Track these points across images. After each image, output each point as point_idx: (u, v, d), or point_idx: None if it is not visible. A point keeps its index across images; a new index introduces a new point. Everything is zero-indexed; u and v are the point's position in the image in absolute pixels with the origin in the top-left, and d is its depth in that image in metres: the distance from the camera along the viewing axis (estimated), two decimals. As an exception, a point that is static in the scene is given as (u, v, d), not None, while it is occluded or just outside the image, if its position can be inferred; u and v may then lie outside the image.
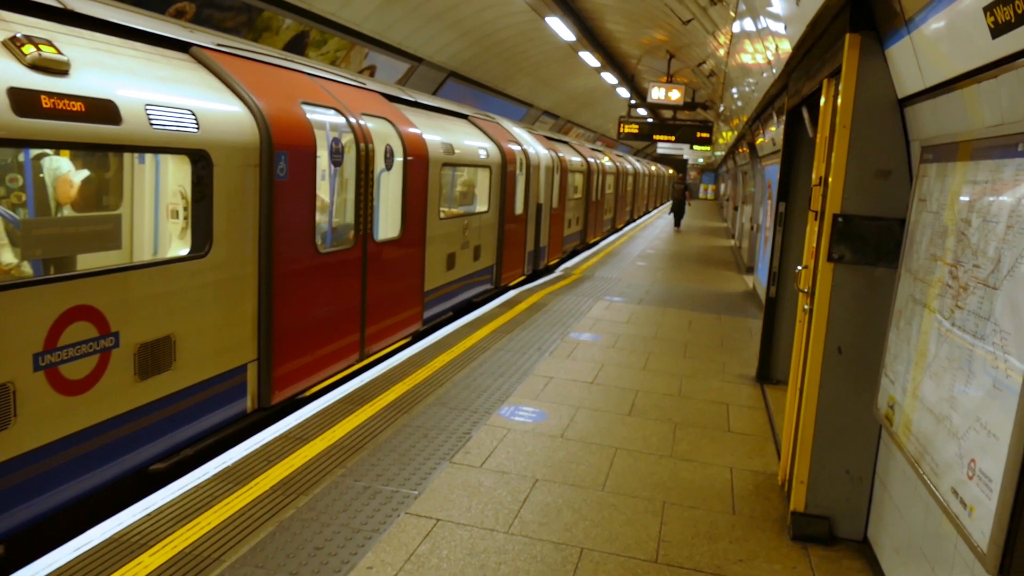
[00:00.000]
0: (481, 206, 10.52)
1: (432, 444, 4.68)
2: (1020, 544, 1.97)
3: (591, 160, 18.75)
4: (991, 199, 2.30)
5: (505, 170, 10.81)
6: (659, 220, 30.14)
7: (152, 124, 4.07)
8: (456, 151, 9.00)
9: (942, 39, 2.66)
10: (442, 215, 8.63)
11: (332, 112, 6.13)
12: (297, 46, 9.57)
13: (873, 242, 3.53)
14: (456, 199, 10.29)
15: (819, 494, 3.78)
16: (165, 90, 4.31)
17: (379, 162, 6.87)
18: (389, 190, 7.30)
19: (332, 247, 6.14)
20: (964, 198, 2.54)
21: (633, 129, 19.75)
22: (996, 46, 2.19)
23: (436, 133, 8.56)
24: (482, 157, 9.99)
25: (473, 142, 9.88)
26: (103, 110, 3.78)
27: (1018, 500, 1.95)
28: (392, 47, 11.50)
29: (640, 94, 23.46)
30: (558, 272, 13.22)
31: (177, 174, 4.95)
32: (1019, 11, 1.98)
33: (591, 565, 3.45)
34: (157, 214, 5.30)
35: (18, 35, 3.51)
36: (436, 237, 8.41)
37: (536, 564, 3.43)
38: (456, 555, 3.45)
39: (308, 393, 5.88)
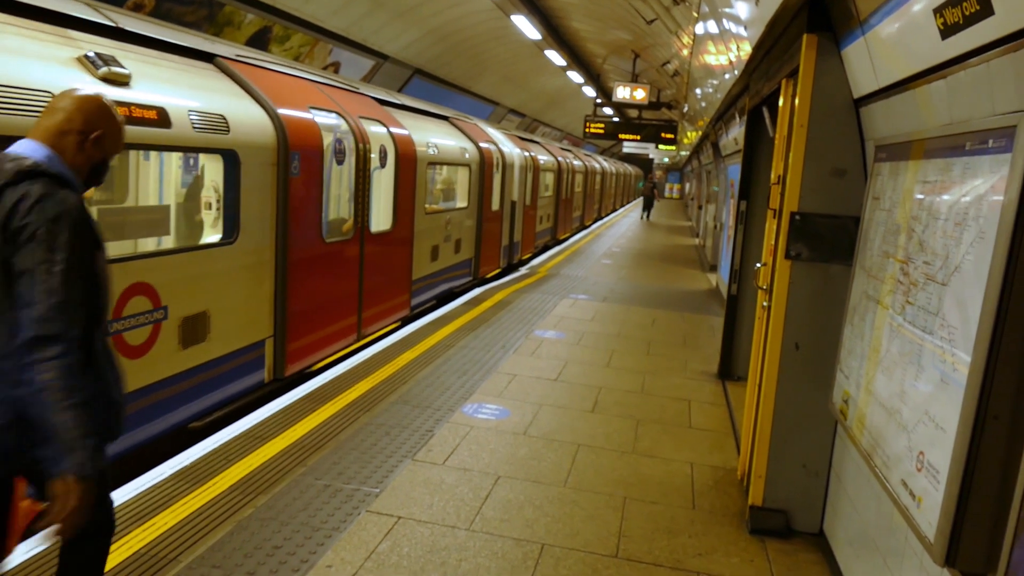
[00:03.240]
0: (461, 202, 11.21)
1: (394, 442, 4.66)
2: (966, 534, 2.01)
3: (561, 160, 19.52)
4: (940, 197, 2.35)
5: (483, 169, 11.52)
6: (624, 219, 30.34)
7: (194, 128, 4.72)
8: (440, 151, 9.70)
9: (895, 40, 2.71)
10: (427, 210, 9.30)
11: (335, 116, 6.78)
12: (260, 42, 9.46)
13: (829, 240, 3.59)
14: (439, 196, 10.99)
15: (777, 488, 3.84)
16: (201, 97, 4.96)
17: (375, 161, 7.52)
18: (382, 186, 7.95)
19: (335, 238, 6.78)
20: (916, 196, 2.59)
21: (599, 128, 19.82)
22: (945, 47, 2.24)
23: (422, 134, 9.23)
24: (462, 156, 10.68)
25: (454, 142, 10.55)
26: (158, 116, 4.44)
27: (963, 491, 1.99)
28: (356, 44, 11.42)
29: (606, 93, 23.57)
30: (523, 270, 13.24)
31: (210, 171, 5.81)
32: (967, 13, 2.03)
33: (552, 561, 3.46)
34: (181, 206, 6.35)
35: (90, 54, 4.18)
36: (422, 231, 9.07)
37: (497, 560, 3.43)
38: (417, 552, 3.44)
39: (315, 367, 6.58)
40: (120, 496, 3.72)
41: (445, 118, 11.48)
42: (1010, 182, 1.86)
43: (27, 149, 2.13)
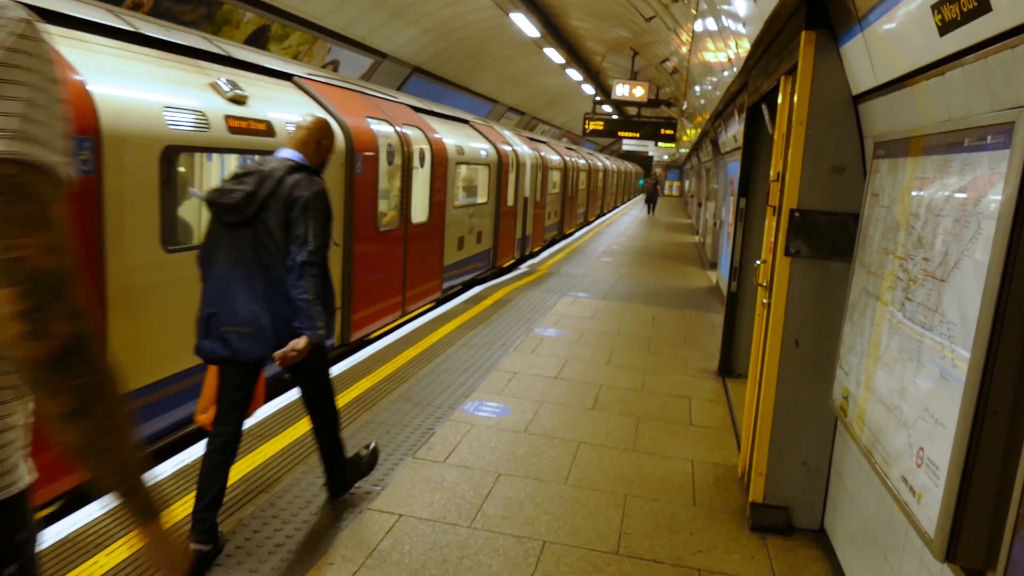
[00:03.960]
0: (482, 198, 12.45)
1: (395, 440, 4.67)
2: (966, 530, 2.02)
3: (567, 159, 20.72)
4: (939, 194, 2.35)
5: (500, 168, 12.92)
6: (624, 217, 30.35)
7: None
8: (465, 152, 10.98)
9: (893, 37, 2.71)
10: (455, 205, 10.65)
11: (385, 123, 8.05)
12: (258, 40, 9.45)
13: (828, 237, 3.59)
14: (464, 192, 12.01)
15: (777, 485, 3.84)
16: (291, 110, 6.18)
17: (415, 161, 8.84)
18: (420, 184, 9.15)
19: (385, 227, 7.96)
20: (914, 193, 2.59)
21: (598, 126, 19.83)
22: (943, 43, 2.24)
23: (451, 137, 10.53)
24: (483, 157, 12.05)
25: (476, 144, 11.87)
26: (267, 127, 5.63)
27: (963, 487, 2.00)
28: (355, 42, 11.41)
29: (605, 91, 23.55)
30: (523, 268, 13.25)
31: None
32: (965, 10, 2.03)
33: (553, 558, 3.47)
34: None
35: (219, 81, 5.35)
36: (451, 223, 10.41)
37: (498, 558, 3.44)
38: (418, 550, 3.45)
39: (371, 336, 7.87)
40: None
41: (466, 121, 12.80)
42: (1008, 178, 1.87)
43: (290, 154, 3.45)
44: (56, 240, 1.10)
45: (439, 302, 10.04)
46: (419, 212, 9.01)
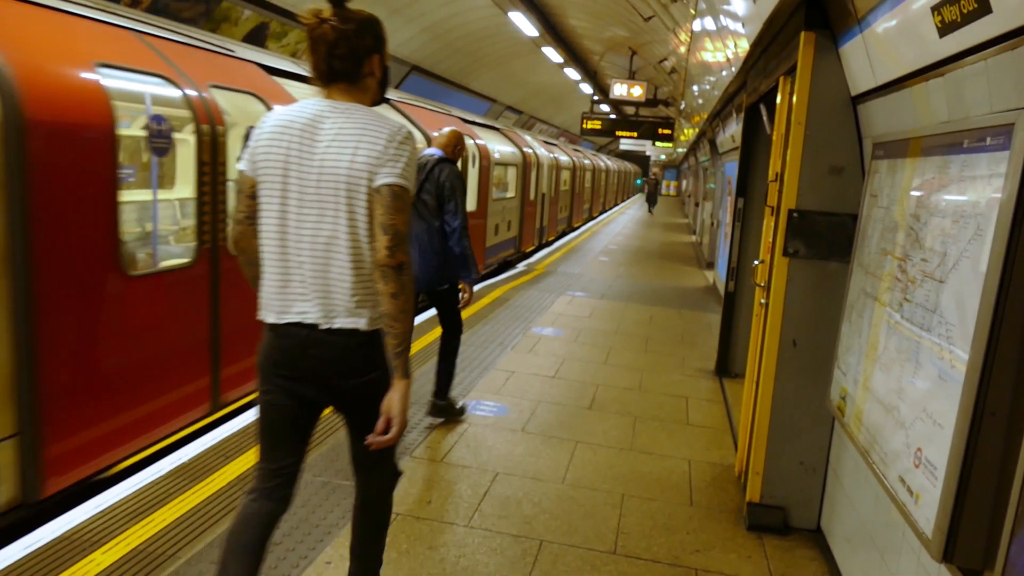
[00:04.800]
0: (511, 193, 14.79)
1: (392, 439, 4.66)
2: (964, 530, 2.02)
3: (575, 159, 23.42)
4: (938, 195, 2.36)
5: (525, 168, 15.42)
6: (622, 216, 30.37)
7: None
8: (500, 155, 13.43)
9: (892, 38, 2.71)
10: (493, 198, 12.85)
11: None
12: (257, 38, 9.45)
13: (826, 237, 3.59)
14: (497, 188, 13.97)
15: (774, 485, 3.85)
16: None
17: (469, 163, 11.06)
18: (471, 180, 11.32)
19: None
20: (913, 194, 2.60)
21: (596, 125, 19.85)
22: (943, 45, 2.24)
23: (491, 143, 12.92)
24: (512, 158, 14.45)
25: (507, 147, 14.31)
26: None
27: (961, 487, 2.00)
28: (354, 40, 11.40)
29: (603, 90, 23.56)
30: (520, 267, 13.26)
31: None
32: (965, 11, 2.03)
33: (550, 557, 3.47)
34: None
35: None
36: (491, 212, 12.78)
37: (495, 557, 3.44)
38: (415, 549, 3.45)
39: None
40: (118, 493, 3.73)
41: (497, 128, 15.60)
42: (1007, 179, 1.87)
43: (435, 151, 4.84)
44: (405, 219, 2.28)
45: (483, 276, 12.35)
46: (470, 202, 11.07)
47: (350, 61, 2.33)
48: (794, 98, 3.62)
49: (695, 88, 12.23)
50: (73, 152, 3.86)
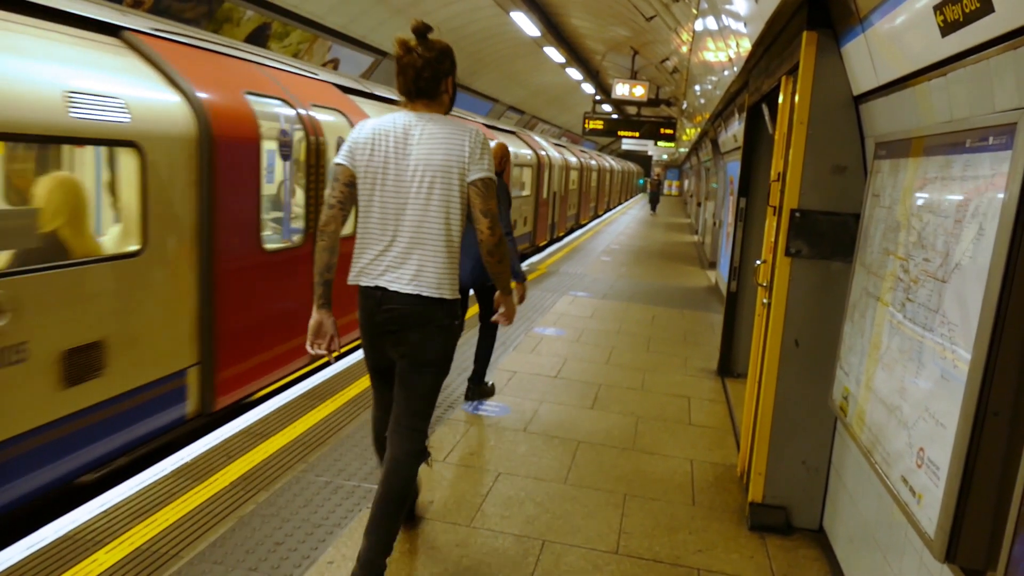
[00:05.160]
0: (527, 192, 16.31)
1: (395, 439, 4.67)
2: (966, 530, 2.02)
3: (583, 160, 25.07)
4: (940, 194, 2.35)
5: (539, 168, 16.87)
6: (623, 216, 30.36)
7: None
8: (518, 157, 14.63)
9: (895, 37, 2.71)
10: (513, 196, 16.28)
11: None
12: (259, 38, 9.45)
13: (829, 237, 3.59)
14: (516, 186, 15.32)
15: (776, 485, 3.84)
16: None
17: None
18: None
19: None
20: (916, 193, 2.60)
21: (598, 125, 19.83)
22: (945, 44, 2.24)
23: (511, 145, 13.28)
24: (528, 159, 15.87)
25: (523, 151, 15.71)
26: None
27: (964, 487, 2.00)
28: (356, 40, 11.41)
29: (605, 90, 23.56)
30: (523, 267, 13.27)
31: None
32: (967, 11, 2.03)
33: (552, 557, 3.47)
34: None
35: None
36: (512, 208, 14.62)
37: (498, 557, 3.44)
38: (417, 549, 3.45)
39: None
40: (121, 493, 3.73)
41: (514, 132, 17.38)
42: (1010, 179, 1.87)
43: None
44: (496, 202, 2.92)
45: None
46: None
47: (432, 82, 2.95)
48: (796, 98, 3.62)
49: (697, 88, 12.22)
50: (239, 158, 5.18)
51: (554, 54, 16.17)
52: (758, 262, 4.50)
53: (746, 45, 5.17)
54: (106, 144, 4.21)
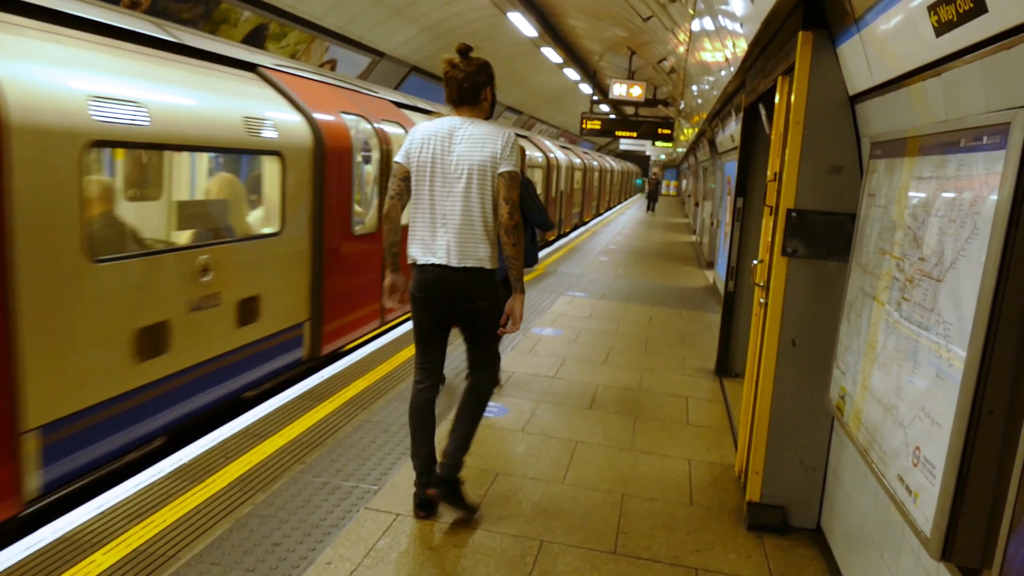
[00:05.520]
0: (539, 190, 16.67)
1: (393, 439, 4.67)
2: (962, 529, 2.03)
3: (586, 162, 26.35)
4: (935, 194, 2.36)
5: (548, 169, 18.15)
6: (621, 216, 30.37)
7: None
8: (530, 159, 15.83)
9: (890, 37, 2.72)
10: None
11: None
12: (256, 39, 9.45)
13: (825, 236, 3.60)
14: None
15: (774, 484, 3.85)
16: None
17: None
18: None
19: None
20: (911, 193, 2.60)
21: (596, 125, 19.85)
22: (940, 44, 2.25)
23: (528, 150, 14.92)
24: (539, 161, 17.22)
25: (535, 153, 16.91)
26: None
27: (960, 486, 2.01)
28: (353, 41, 11.41)
29: (602, 90, 23.55)
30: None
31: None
32: (961, 11, 2.03)
33: (550, 557, 3.47)
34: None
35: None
36: None
37: (495, 557, 3.44)
38: (415, 549, 3.45)
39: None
40: (118, 494, 3.73)
41: (526, 136, 18.29)
42: (1004, 179, 1.88)
43: None
44: (518, 193, 3.47)
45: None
46: None
47: (472, 91, 3.60)
48: (792, 98, 3.63)
49: (694, 88, 12.24)
50: (339, 163, 6.78)
51: (551, 54, 16.18)
52: (755, 262, 4.50)
53: (742, 45, 5.18)
54: (265, 154, 5.76)
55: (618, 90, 18.49)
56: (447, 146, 3.48)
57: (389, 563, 3.32)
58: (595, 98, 22.09)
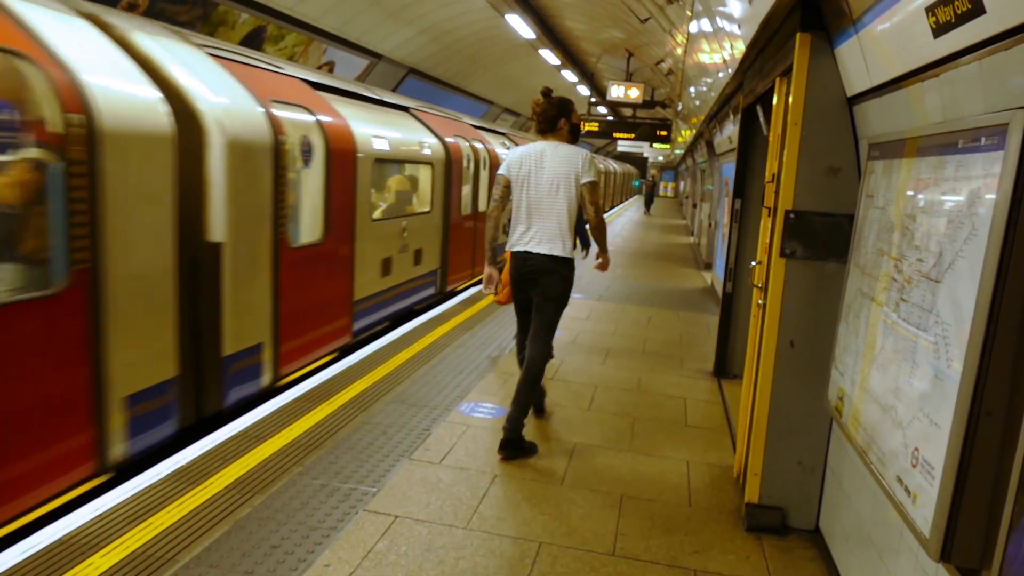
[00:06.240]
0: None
1: (391, 441, 4.67)
2: (961, 530, 2.03)
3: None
4: (934, 195, 2.36)
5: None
6: (619, 218, 30.39)
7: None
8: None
9: (887, 39, 2.72)
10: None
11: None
12: (254, 41, 9.45)
13: (823, 238, 3.60)
14: None
15: (772, 485, 3.85)
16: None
17: None
18: None
19: None
20: (909, 194, 2.61)
21: (593, 127, 19.84)
22: (938, 45, 2.25)
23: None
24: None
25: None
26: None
27: (958, 487, 2.01)
28: (351, 43, 11.41)
29: (600, 92, 23.59)
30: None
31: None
32: (959, 12, 2.04)
33: (549, 558, 3.47)
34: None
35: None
36: None
37: (495, 559, 3.44)
38: (414, 551, 3.45)
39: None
40: (116, 497, 3.72)
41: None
42: (1002, 180, 1.88)
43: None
44: (600, 196, 4.68)
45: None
46: None
47: (553, 122, 4.77)
48: (790, 99, 3.63)
49: (692, 90, 12.25)
50: (457, 173, 10.50)
51: (549, 56, 16.19)
52: (753, 263, 4.51)
53: (740, 47, 5.18)
54: (426, 164, 9.31)
55: (616, 92, 18.51)
56: (540, 164, 4.60)
57: (387, 565, 3.32)
58: (593, 100, 22.11)
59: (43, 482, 3.77)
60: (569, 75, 19.32)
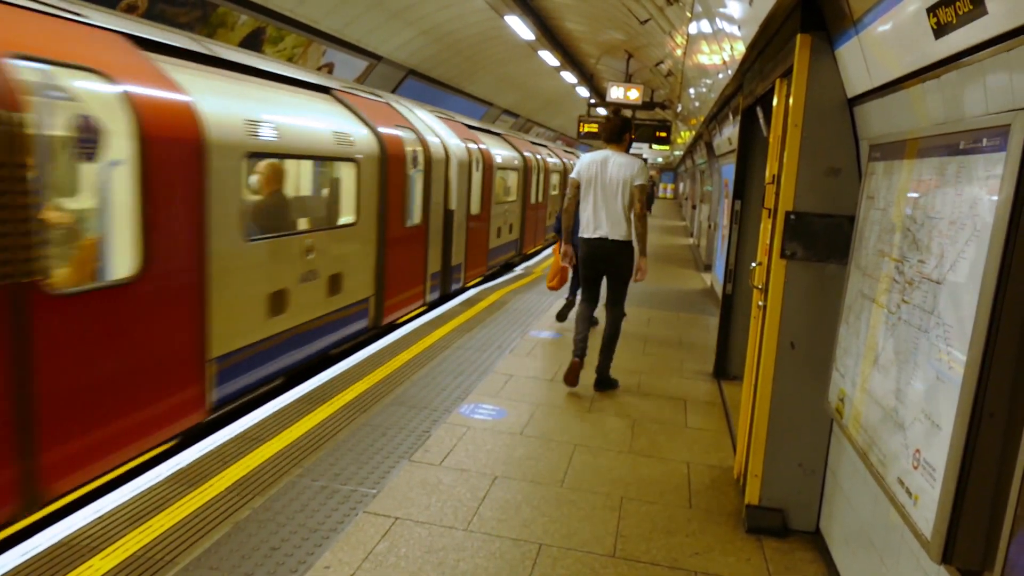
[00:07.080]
0: (553, 191, 20.61)
1: (391, 443, 4.66)
2: (963, 531, 2.02)
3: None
4: (935, 196, 2.36)
5: (564, 173, 21.21)
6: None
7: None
8: (552, 164, 19.95)
9: (888, 40, 2.72)
10: (552, 195, 20.27)
11: (556, 157, 20.96)
12: (253, 43, 9.44)
13: (824, 239, 3.60)
14: (554, 188, 20.97)
15: (773, 487, 3.84)
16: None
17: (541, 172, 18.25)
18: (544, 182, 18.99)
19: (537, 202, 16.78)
20: (910, 195, 2.60)
21: (593, 128, 19.81)
22: (939, 46, 2.25)
23: (549, 157, 19.74)
24: (558, 166, 20.73)
25: (554, 160, 20.43)
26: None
27: (960, 488, 2.00)
28: (350, 44, 11.40)
29: (600, 94, 23.58)
30: (518, 270, 13.24)
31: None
32: (960, 12, 2.04)
33: (549, 560, 3.46)
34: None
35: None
36: (550, 202, 19.84)
37: (495, 560, 3.43)
38: (414, 553, 3.44)
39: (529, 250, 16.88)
40: (116, 499, 3.72)
41: (545, 145, 22.59)
42: (1004, 181, 1.87)
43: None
44: (646, 197, 5.89)
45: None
46: (542, 197, 18.35)
47: (617, 135, 6.03)
48: (790, 100, 3.63)
49: (691, 91, 12.24)
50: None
51: (549, 58, 16.18)
52: (753, 264, 4.50)
53: (740, 48, 5.18)
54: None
55: (615, 93, 18.48)
56: (604, 168, 5.85)
57: (388, 567, 3.31)
58: (592, 101, 22.11)
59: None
60: (568, 76, 19.32)
